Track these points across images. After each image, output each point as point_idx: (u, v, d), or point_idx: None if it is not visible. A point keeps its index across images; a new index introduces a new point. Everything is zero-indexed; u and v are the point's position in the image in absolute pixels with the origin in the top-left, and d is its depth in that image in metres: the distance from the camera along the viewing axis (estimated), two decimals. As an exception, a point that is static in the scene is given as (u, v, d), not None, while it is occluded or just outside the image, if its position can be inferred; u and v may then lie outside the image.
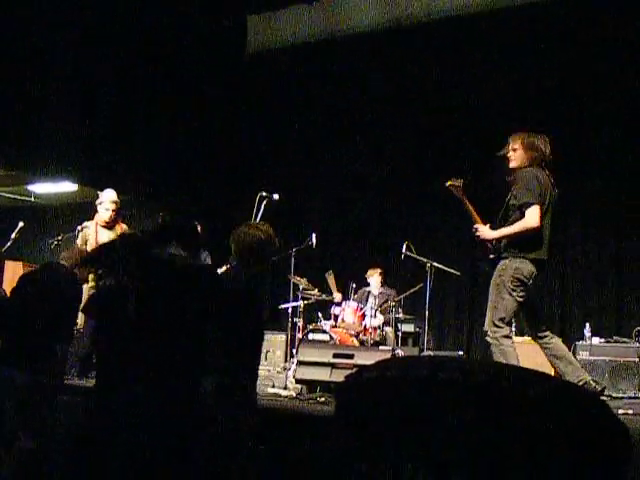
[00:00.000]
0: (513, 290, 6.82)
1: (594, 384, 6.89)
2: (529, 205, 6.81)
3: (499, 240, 7.06)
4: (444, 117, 12.30)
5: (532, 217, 6.81)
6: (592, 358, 8.21)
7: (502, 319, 6.79)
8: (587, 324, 9.82)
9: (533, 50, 11.66)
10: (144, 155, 13.19)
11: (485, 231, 7.12)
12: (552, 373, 8.54)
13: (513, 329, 6.98)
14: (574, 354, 9.25)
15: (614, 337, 9.68)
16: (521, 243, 6.90)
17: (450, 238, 12.81)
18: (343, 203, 13.53)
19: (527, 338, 7.63)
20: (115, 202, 9.70)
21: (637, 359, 9.09)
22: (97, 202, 9.82)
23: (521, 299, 6.86)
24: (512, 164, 7.14)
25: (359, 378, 2.36)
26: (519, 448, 1.98)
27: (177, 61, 13.45)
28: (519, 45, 11.76)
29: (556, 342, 7.13)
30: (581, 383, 6.82)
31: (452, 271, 11.01)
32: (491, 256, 7.10)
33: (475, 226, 7.19)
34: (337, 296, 11.42)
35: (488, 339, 6.89)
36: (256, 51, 14.28)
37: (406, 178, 12.99)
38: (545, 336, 7.13)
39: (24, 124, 11.67)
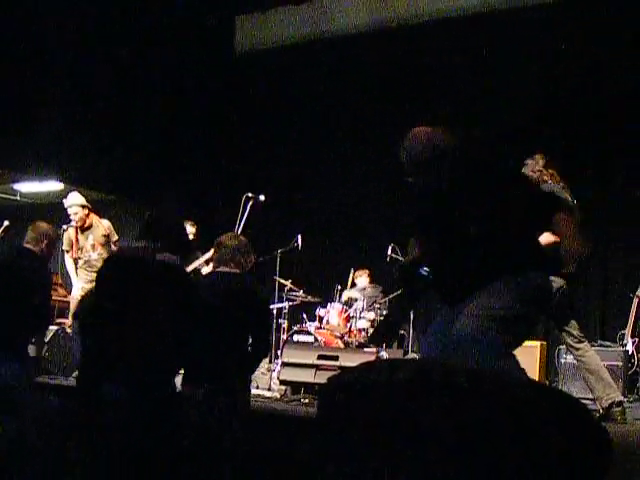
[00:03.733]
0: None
1: (621, 408, 6.89)
2: None
3: None
4: (433, 119, 12.27)
5: (548, 232, 6.83)
6: (576, 362, 8.19)
7: None
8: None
9: (524, 54, 11.69)
10: (130, 155, 13.15)
11: None
12: (536, 376, 8.58)
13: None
14: (557, 358, 9.26)
15: (598, 341, 9.70)
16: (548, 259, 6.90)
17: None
18: (329, 204, 13.50)
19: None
20: (75, 206, 9.67)
21: (621, 363, 9.09)
22: None
23: None
24: None
25: (341, 380, 2.36)
26: (501, 452, 1.98)
27: (164, 61, 13.42)
28: (510, 48, 11.77)
29: (591, 356, 7.09)
30: (609, 402, 6.82)
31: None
32: None
33: None
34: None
35: None
36: (244, 52, 14.27)
37: (393, 180, 12.97)
38: (579, 348, 7.11)
39: (10, 123, 11.63)
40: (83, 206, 9.70)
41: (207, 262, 9.87)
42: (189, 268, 9.92)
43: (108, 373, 4.77)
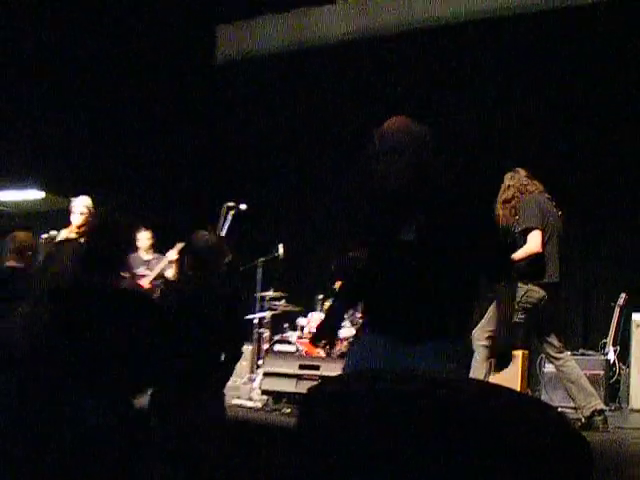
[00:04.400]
0: (516, 311, 6.85)
1: (603, 416, 6.92)
2: (530, 230, 6.89)
3: None
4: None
5: (533, 242, 6.88)
6: (557, 372, 8.21)
7: (494, 332, 6.81)
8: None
9: (506, 63, 11.76)
10: (113, 165, 13.11)
11: None
12: (517, 385, 8.59)
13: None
14: (539, 367, 9.29)
15: (580, 350, 9.73)
16: (531, 269, 6.95)
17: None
18: (311, 213, 13.49)
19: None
20: (83, 206, 9.56)
21: (602, 372, 9.13)
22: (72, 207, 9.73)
23: (521, 321, 6.92)
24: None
25: (322, 391, 2.34)
26: (479, 462, 1.97)
27: (143, 70, 13.39)
28: (494, 58, 11.83)
29: (571, 366, 7.16)
30: (590, 411, 6.85)
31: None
32: None
33: None
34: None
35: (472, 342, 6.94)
36: (225, 61, 14.27)
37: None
38: (560, 358, 7.18)
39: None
40: (89, 210, 9.58)
41: (170, 262, 9.98)
42: (154, 272, 9.98)
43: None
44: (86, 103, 12.69)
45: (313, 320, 10.89)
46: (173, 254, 10.23)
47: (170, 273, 10.29)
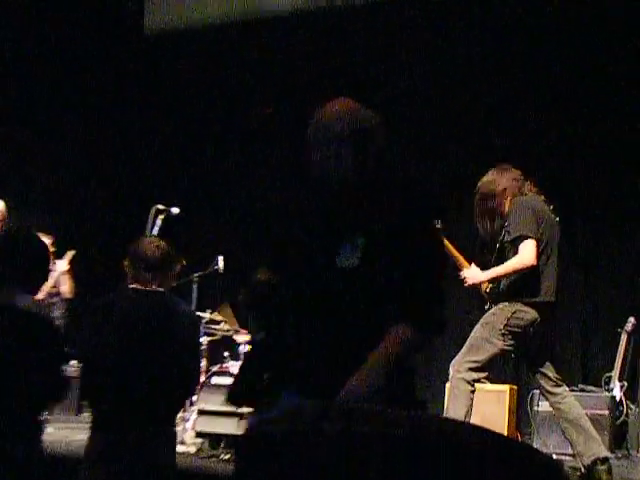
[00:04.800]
0: (503, 335, 6.85)
1: (607, 465, 6.90)
2: (523, 239, 6.86)
3: (494, 284, 7.12)
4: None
5: (526, 253, 6.85)
6: (552, 410, 8.22)
7: (476, 362, 6.80)
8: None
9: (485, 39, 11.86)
10: (16, 158, 13.04)
11: (473, 274, 7.14)
12: (504, 427, 8.59)
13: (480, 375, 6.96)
14: (531, 405, 9.30)
15: (579, 386, 9.74)
16: (522, 285, 6.94)
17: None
18: (257, 220, 13.43)
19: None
20: (1, 212, 9.64)
21: (607, 411, 9.12)
22: None
23: (509, 348, 6.91)
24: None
25: (264, 431, 2.32)
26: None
27: (58, 45, 13.33)
28: (468, 33, 11.92)
29: (569, 403, 7.12)
30: (592, 459, 6.82)
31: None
32: (486, 307, 7.15)
33: (460, 272, 7.21)
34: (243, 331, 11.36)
35: (450, 374, 6.92)
36: (154, 33, 14.22)
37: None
38: (556, 394, 7.15)
39: None
40: (3, 216, 9.66)
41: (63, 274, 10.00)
42: (49, 283, 9.97)
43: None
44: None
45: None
46: (64, 265, 10.25)
47: (65, 288, 10.29)
